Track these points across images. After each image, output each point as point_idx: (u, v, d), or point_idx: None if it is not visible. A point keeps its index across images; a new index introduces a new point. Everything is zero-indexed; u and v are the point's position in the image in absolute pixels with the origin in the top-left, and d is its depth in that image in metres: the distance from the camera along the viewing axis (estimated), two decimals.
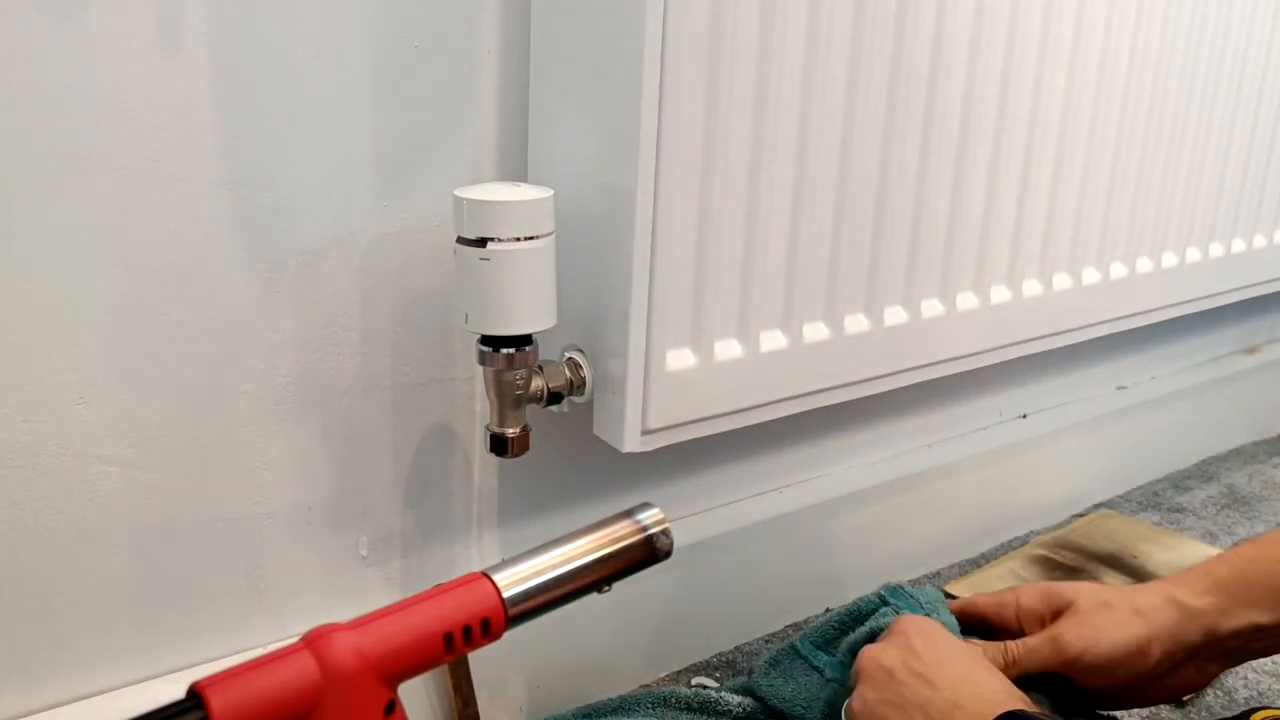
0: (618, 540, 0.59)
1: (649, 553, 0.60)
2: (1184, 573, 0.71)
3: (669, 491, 0.87)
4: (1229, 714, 0.83)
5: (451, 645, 0.51)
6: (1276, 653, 0.69)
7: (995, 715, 0.57)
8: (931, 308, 0.84)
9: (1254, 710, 0.72)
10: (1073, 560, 1.08)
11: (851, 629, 0.78)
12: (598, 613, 0.82)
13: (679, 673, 0.89)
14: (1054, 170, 0.89)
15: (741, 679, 0.84)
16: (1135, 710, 0.87)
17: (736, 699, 0.79)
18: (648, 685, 0.87)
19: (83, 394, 0.61)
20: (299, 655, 0.47)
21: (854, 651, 0.76)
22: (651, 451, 0.72)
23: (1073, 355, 1.14)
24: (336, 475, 0.71)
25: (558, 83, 0.68)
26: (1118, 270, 0.98)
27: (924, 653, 0.64)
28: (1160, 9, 0.91)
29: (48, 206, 0.58)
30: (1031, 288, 0.91)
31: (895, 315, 0.81)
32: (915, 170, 0.79)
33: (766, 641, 0.94)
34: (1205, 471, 1.31)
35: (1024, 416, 1.12)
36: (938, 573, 1.06)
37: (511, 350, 0.66)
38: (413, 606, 0.51)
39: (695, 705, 0.79)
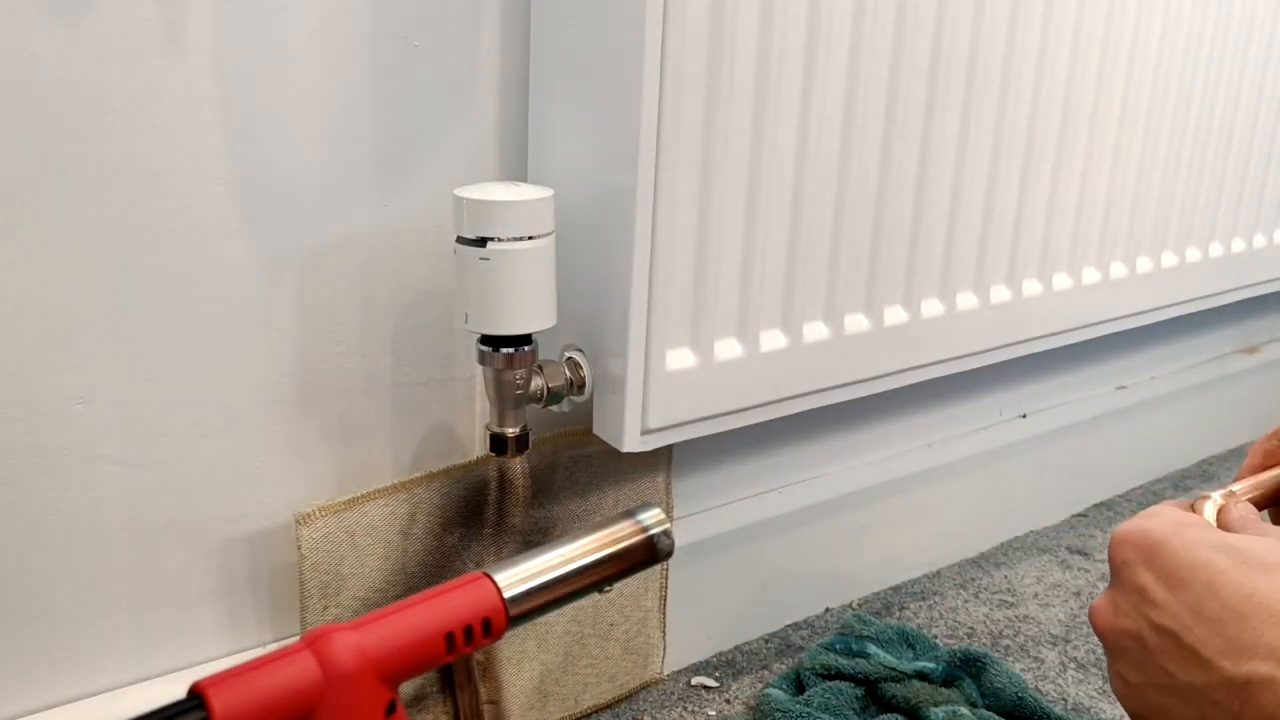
0: (619, 540, 0.59)
1: (650, 553, 0.60)
2: None
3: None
4: None
5: (453, 645, 0.51)
6: None
7: None
8: (931, 308, 0.84)
9: None
10: None
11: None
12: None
13: (679, 673, 0.89)
14: (1054, 170, 0.89)
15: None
16: None
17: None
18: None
19: (83, 394, 0.61)
20: (300, 655, 0.47)
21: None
22: (651, 451, 0.72)
23: (1073, 355, 1.14)
24: (336, 475, 0.71)
25: (558, 82, 0.68)
26: (1118, 270, 0.98)
27: (1166, 595, 0.44)
28: (1160, 8, 0.91)
29: (48, 206, 0.58)
30: (1031, 288, 0.91)
31: (895, 315, 0.81)
32: (915, 170, 0.79)
33: (766, 641, 0.94)
34: (1205, 471, 1.31)
35: (1024, 416, 1.12)
36: (938, 572, 1.06)
37: (511, 350, 0.66)
38: (414, 606, 0.51)
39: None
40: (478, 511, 0.73)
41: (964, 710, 0.80)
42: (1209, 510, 0.52)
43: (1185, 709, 0.43)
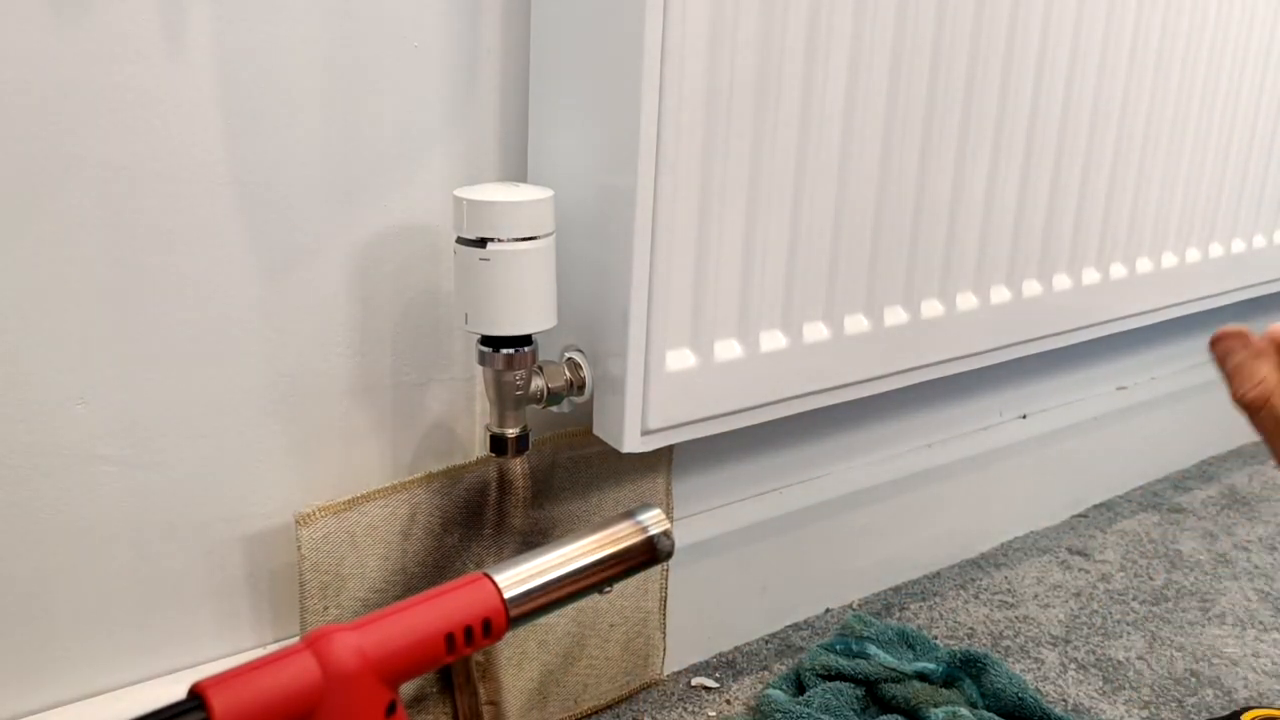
0: (619, 541, 0.59)
1: (650, 554, 0.60)
2: None
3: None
4: (1224, 713, 0.83)
5: (453, 646, 0.51)
6: None
7: None
8: (931, 308, 0.84)
9: (1245, 710, 0.71)
10: None
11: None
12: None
13: (679, 673, 0.89)
14: (1054, 170, 0.89)
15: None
16: (1133, 705, 0.87)
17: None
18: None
19: (83, 394, 0.61)
20: (300, 655, 0.47)
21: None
22: (652, 452, 0.72)
23: (1073, 355, 1.14)
24: (336, 475, 0.71)
25: (558, 83, 0.68)
26: (1118, 270, 0.98)
27: None
28: (1160, 9, 0.91)
29: (48, 206, 0.58)
30: (1031, 288, 0.91)
31: (895, 315, 0.81)
32: (915, 170, 0.79)
33: (766, 641, 0.94)
34: (1205, 471, 1.31)
35: (1024, 416, 1.12)
36: (938, 573, 1.06)
37: (511, 351, 0.66)
38: (414, 607, 0.51)
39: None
40: (478, 512, 0.73)
41: (964, 711, 0.80)
42: None
43: None
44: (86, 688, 0.66)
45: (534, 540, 0.76)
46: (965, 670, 0.86)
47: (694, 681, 0.88)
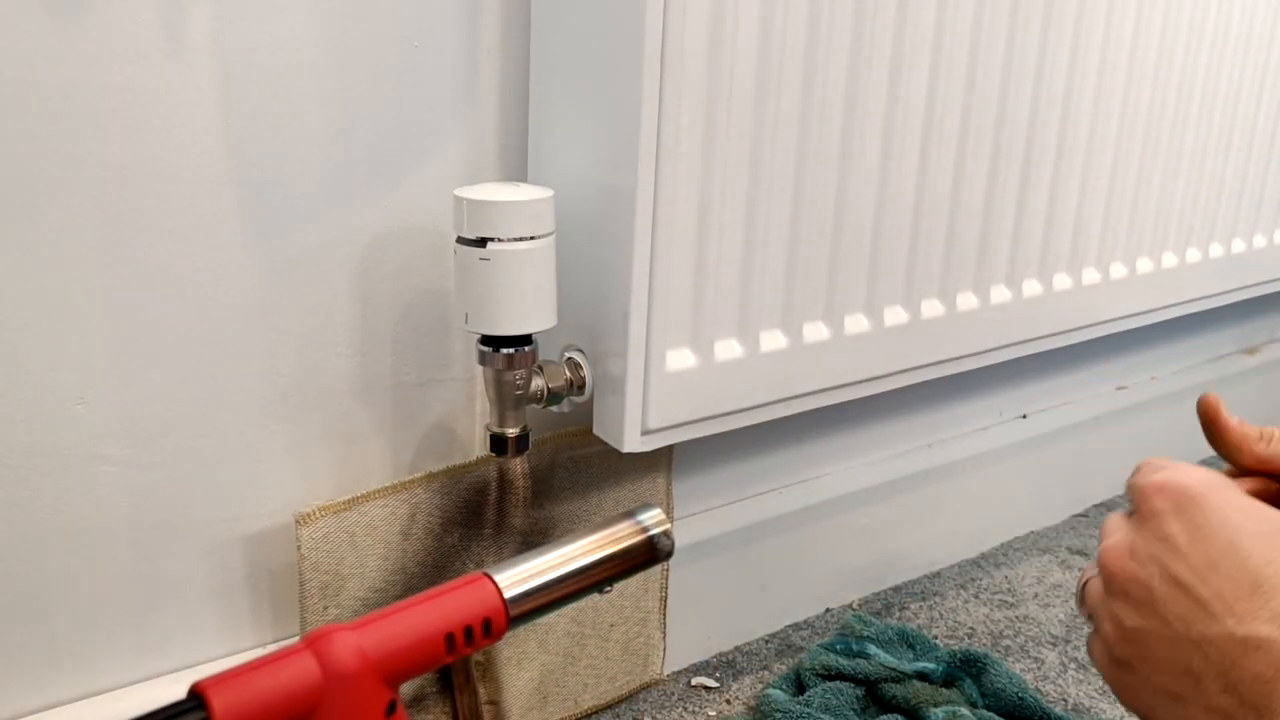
0: (619, 541, 0.59)
1: (650, 553, 0.60)
2: None
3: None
4: None
5: (453, 645, 0.51)
6: None
7: None
8: (931, 308, 0.84)
9: None
10: None
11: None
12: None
13: (679, 673, 0.89)
14: (1054, 170, 0.89)
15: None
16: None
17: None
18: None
19: (83, 394, 0.61)
20: (300, 655, 0.47)
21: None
22: (652, 451, 0.71)
23: (1073, 355, 1.14)
24: (336, 475, 0.71)
25: (558, 83, 0.68)
26: (1118, 270, 0.98)
27: (1189, 546, 0.45)
28: (1160, 8, 0.91)
29: (48, 206, 0.58)
30: (1031, 288, 0.91)
31: (895, 315, 0.81)
32: (915, 170, 0.79)
33: (766, 641, 0.94)
34: None
35: (1024, 416, 1.12)
36: (938, 573, 1.06)
37: (511, 350, 0.66)
38: (414, 607, 0.51)
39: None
40: (478, 512, 0.73)
41: (964, 711, 0.80)
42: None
43: (1174, 659, 0.45)
44: (86, 688, 0.66)
45: (534, 540, 0.76)
46: (965, 670, 0.86)
47: (694, 681, 0.88)
